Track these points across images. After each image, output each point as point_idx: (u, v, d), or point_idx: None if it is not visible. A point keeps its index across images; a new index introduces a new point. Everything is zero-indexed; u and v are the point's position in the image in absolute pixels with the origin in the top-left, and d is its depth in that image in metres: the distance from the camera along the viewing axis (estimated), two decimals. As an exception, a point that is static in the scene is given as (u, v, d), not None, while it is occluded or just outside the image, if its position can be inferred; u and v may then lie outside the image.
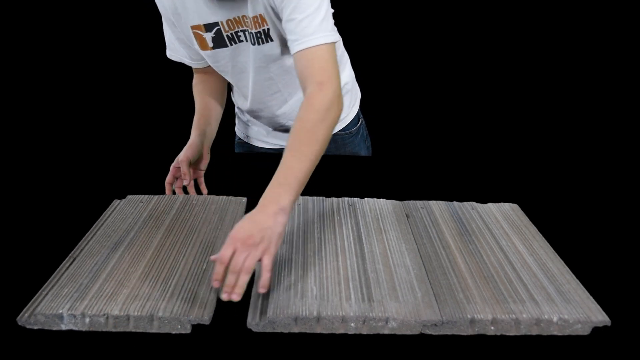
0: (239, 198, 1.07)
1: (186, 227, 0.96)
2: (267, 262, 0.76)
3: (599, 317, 0.76)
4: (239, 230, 0.77)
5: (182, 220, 0.99)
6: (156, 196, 1.07)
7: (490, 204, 1.07)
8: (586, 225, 1.04)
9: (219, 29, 1.03)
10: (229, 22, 1.02)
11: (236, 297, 0.74)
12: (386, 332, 0.75)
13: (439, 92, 1.70)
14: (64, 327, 0.74)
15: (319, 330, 0.75)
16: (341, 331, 0.75)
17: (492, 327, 0.75)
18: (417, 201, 1.07)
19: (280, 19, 0.98)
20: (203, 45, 1.08)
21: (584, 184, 1.20)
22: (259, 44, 1.05)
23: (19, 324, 0.74)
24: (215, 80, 1.21)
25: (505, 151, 1.36)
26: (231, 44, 1.06)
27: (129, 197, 1.07)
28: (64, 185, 1.14)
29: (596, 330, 0.76)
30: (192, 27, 1.05)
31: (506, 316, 0.75)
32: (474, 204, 1.07)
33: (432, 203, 1.06)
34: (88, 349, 0.72)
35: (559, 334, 0.76)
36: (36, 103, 1.51)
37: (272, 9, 0.98)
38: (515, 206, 1.06)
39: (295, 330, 0.75)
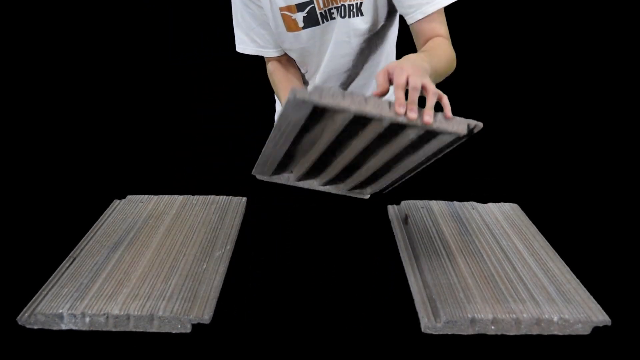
0: (238, 198, 1.07)
1: (186, 227, 0.96)
2: (433, 88, 0.71)
3: (600, 316, 0.76)
4: (403, 64, 0.72)
5: (182, 220, 0.99)
6: (156, 196, 1.07)
7: (490, 204, 1.07)
8: (586, 225, 1.04)
9: (313, 7, 1.02)
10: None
11: (428, 118, 0.67)
12: None
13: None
14: (64, 327, 0.74)
15: None
16: None
17: (493, 327, 0.75)
18: (417, 201, 1.07)
19: None
20: (291, 26, 1.05)
21: (584, 183, 1.20)
22: (349, 17, 1.03)
23: (19, 323, 0.74)
24: (294, 66, 1.19)
25: (505, 151, 1.36)
26: (323, 22, 1.05)
27: (129, 197, 1.07)
28: (64, 185, 1.14)
29: (597, 330, 0.76)
30: (282, 9, 1.03)
31: (506, 316, 0.75)
32: (474, 204, 1.07)
33: (432, 203, 1.06)
34: (88, 349, 0.72)
35: (560, 333, 0.76)
36: (36, 103, 1.51)
37: None
38: (515, 206, 1.07)
39: None
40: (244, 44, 1.13)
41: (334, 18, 1.04)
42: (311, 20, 1.04)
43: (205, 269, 0.85)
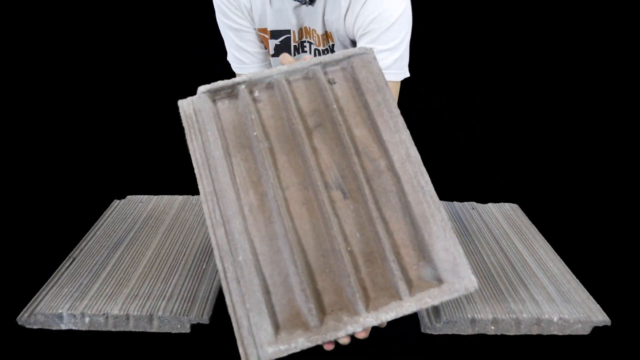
0: (239, 198, 1.07)
1: (186, 227, 0.96)
2: None
3: (599, 317, 0.76)
4: None
5: (182, 220, 0.99)
6: (156, 196, 1.07)
7: (490, 204, 1.07)
8: (586, 225, 1.04)
9: (289, 37, 0.99)
10: (301, 30, 0.98)
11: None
12: None
13: (438, 92, 1.70)
14: (63, 327, 0.74)
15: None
16: None
17: (493, 327, 0.75)
18: (417, 201, 1.07)
19: (350, 40, 0.95)
20: (266, 46, 1.03)
21: (584, 183, 1.20)
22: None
23: (19, 323, 0.74)
24: None
25: (505, 151, 1.36)
26: (295, 54, 1.02)
27: (129, 197, 1.07)
28: (64, 185, 1.14)
29: (596, 330, 0.76)
30: (259, 29, 1.01)
31: (506, 316, 0.75)
32: (474, 204, 1.07)
33: (432, 203, 1.06)
34: (88, 349, 0.72)
35: (559, 333, 0.76)
36: (36, 103, 1.51)
37: (345, 31, 0.94)
38: (515, 206, 1.06)
39: None
40: (240, 63, 1.06)
41: (305, 52, 1.02)
42: (284, 50, 1.01)
43: (205, 269, 0.85)
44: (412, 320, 0.77)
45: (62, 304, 0.75)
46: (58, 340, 0.73)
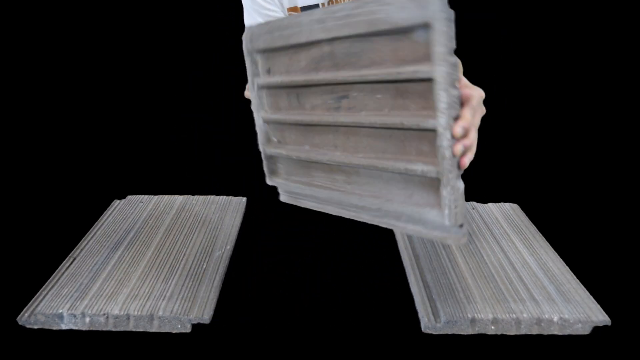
0: (238, 198, 1.07)
1: (186, 227, 0.96)
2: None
3: (600, 316, 0.76)
4: (481, 100, 0.67)
5: (182, 220, 0.99)
6: (156, 196, 1.07)
7: (490, 204, 1.07)
8: (586, 225, 1.04)
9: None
10: (330, 3, 0.99)
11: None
12: None
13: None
14: (64, 327, 0.74)
15: None
16: None
17: (493, 327, 0.75)
18: (417, 201, 1.07)
19: None
20: None
21: (584, 183, 1.20)
22: None
23: (19, 323, 0.74)
24: None
25: (505, 151, 1.36)
26: None
27: (129, 197, 1.07)
28: (64, 185, 1.14)
29: (596, 330, 0.76)
30: (289, 10, 1.02)
31: (506, 316, 0.75)
32: (474, 204, 1.07)
33: (432, 203, 1.06)
34: (88, 349, 0.72)
35: (559, 333, 0.76)
36: (36, 103, 1.51)
37: None
38: (515, 206, 1.07)
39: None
40: None
41: None
42: None
43: (205, 269, 0.85)
44: (412, 320, 0.77)
45: (63, 304, 0.75)
46: (58, 340, 0.73)
